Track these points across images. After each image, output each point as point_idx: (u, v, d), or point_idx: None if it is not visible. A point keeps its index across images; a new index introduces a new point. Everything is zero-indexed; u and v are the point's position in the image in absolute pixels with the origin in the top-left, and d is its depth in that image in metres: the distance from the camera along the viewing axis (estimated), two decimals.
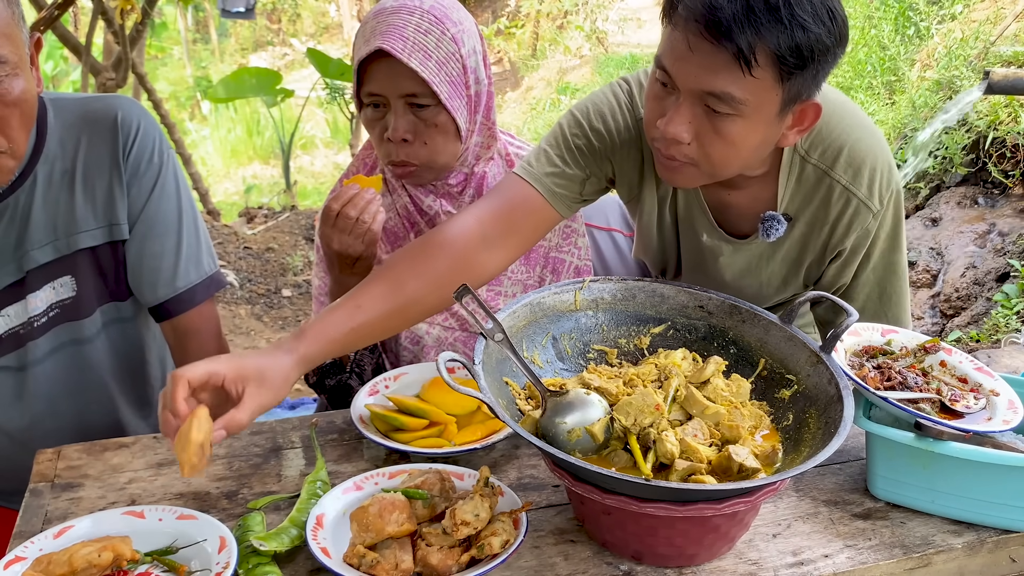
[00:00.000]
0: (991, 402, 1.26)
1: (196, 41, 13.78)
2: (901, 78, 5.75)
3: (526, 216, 1.46)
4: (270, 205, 7.21)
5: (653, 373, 1.27)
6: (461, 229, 1.41)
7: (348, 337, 1.29)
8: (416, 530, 1.14)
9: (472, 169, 1.71)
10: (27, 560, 1.10)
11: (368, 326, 1.31)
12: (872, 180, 1.40)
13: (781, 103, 1.25)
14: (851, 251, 1.46)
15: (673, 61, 1.25)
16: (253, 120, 9.85)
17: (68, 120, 1.49)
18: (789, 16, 1.17)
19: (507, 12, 10.95)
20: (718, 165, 1.31)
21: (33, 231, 1.47)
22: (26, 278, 1.49)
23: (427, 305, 1.38)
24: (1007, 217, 4.30)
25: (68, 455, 1.39)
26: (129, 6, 4.52)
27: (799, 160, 1.42)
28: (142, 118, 1.52)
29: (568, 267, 1.80)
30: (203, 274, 1.60)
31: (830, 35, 1.21)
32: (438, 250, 1.39)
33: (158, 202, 1.54)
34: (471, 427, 1.41)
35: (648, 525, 1.09)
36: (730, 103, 1.22)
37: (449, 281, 1.35)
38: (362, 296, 1.32)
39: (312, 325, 1.28)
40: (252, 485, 1.33)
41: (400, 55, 1.49)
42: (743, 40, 1.17)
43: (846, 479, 1.33)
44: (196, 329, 1.62)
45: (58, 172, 1.48)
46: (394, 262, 1.38)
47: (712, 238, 1.53)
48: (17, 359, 1.54)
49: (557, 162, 1.49)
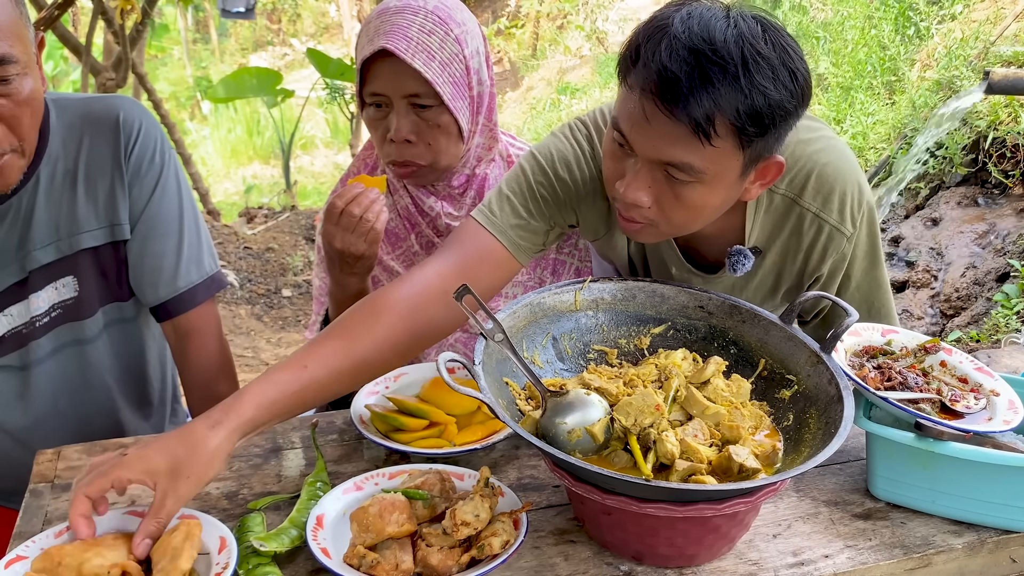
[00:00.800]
0: (991, 402, 1.26)
1: (196, 41, 13.79)
2: (901, 78, 5.76)
3: (488, 270, 1.41)
4: (270, 205, 7.22)
5: (653, 373, 1.27)
6: (420, 286, 1.34)
7: (292, 400, 1.21)
8: (416, 530, 1.14)
9: (474, 171, 1.71)
10: (28, 559, 1.10)
11: (316, 386, 1.23)
12: (843, 204, 1.37)
13: (742, 166, 1.21)
14: (829, 275, 1.45)
15: (630, 128, 1.20)
16: (253, 120, 9.86)
17: (70, 120, 1.50)
18: (749, 85, 1.12)
19: (507, 12, 10.96)
20: (679, 227, 1.29)
21: (36, 231, 1.47)
22: (28, 278, 1.49)
23: (379, 366, 1.32)
24: (1007, 217, 4.30)
25: (68, 455, 1.39)
26: (129, 6, 4.52)
27: (767, 191, 1.38)
28: (144, 118, 1.52)
29: (569, 269, 1.80)
30: (204, 274, 1.61)
31: (792, 98, 1.16)
32: (393, 308, 1.31)
33: (159, 202, 1.54)
34: (471, 427, 1.41)
35: (648, 525, 1.09)
36: (689, 172, 1.19)
37: (404, 342, 1.31)
38: (311, 356, 1.24)
39: (251, 389, 1.19)
40: (252, 485, 1.33)
41: (404, 55, 1.49)
42: (700, 112, 1.12)
43: (846, 479, 1.33)
44: (197, 329, 1.62)
45: (60, 172, 1.48)
46: (346, 320, 1.31)
47: (681, 272, 1.50)
48: (19, 358, 1.54)
49: (522, 212, 1.43)
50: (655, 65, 1.14)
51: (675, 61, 1.13)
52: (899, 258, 4.53)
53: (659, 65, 1.14)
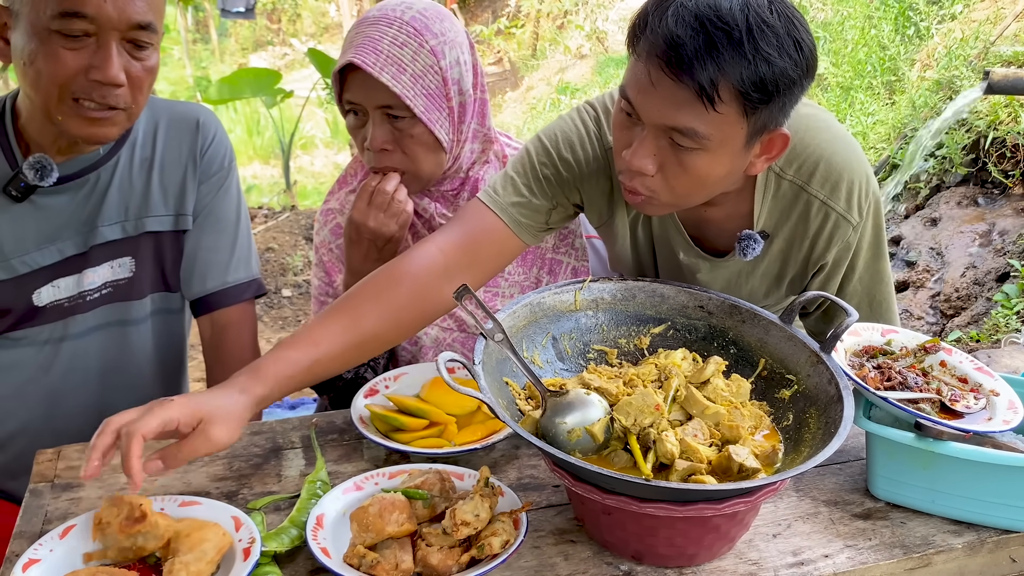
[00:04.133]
0: (991, 402, 1.26)
1: (196, 41, 13.78)
2: (901, 78, 5.76)
3: (490, 246, 1.44)
4: (270, 205, 7.21)
5: (653, 373, 1.27)
6: (424, 260, 1.39)
7: (304, 375, 1.28)
8: (416, 530, 1.14)
9: (468, 173, 1.71)
10: (41, 561, 1.10)
11: (326, 361, 1.30)
12: (850, 193, 1.38)
13: (747, 135, 1.23)
14: (833, 264, 1.45)
15: (636, 94, 1.23)
16: (253, 120, 9.85)
17: (156, 115, 1.62)
18: (753, 51, 1.14)
19: (507, 12, 10.96)
20: (682, 197, 1.30)
21: (106, 208, 1.56)
22: (88, 252, 1.57)
23: (386, 339, 1.37)
24: (1007, 217, 4.30)
25: (68, 455, 1.39)
26: None
27: (775, 177, 1.40)
28: (219, 128, 1.68)
29: (565, 268, 1.79)
30: (251, 275, 1.72)
31: (796, 67, 1.18)
32: (398, 283, 1.36)
33: (222, 202, 1.67)
34: (471, 427, 1.41)
35: (648, 525, 1.09)
36: (694, 138, 1.20)
37: (409, 315, 1.37)
38: (319, 332, 1.31)
39: (268, 364, 1.26)
40: (252, 485, 1.33)
41: (371, 69, 1.50)
42: (704, 76, 1.15)
43: (846, 479, 1.33)
44: (236, 324, 1.71)
45: (139, 158, 1.59)
46: (353, 295, 1.36)
47: (689, 256, 1.51)
48: (53, 331, 1.58)
49: (524, 191, 1.46)
50: (662, 31, 1.17)
51: (681, 27, 1.15)
52: (899, 258, 4.53)
53: (665, 31, 1.16)
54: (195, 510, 1.18)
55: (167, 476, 1.33)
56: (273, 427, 1.48)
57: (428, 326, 1.69)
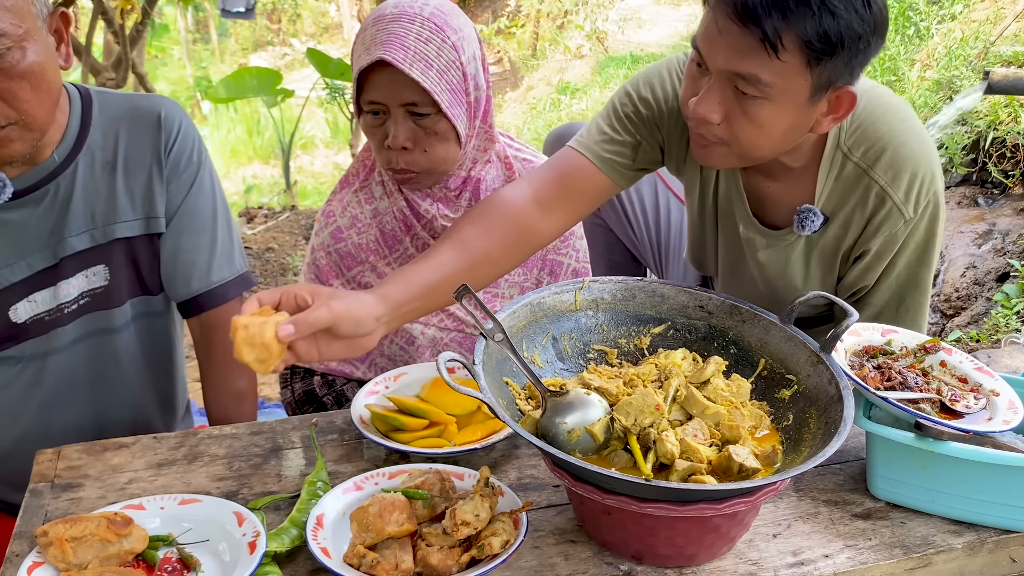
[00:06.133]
0: (991, 402, 1.26)
1: (196, 41, 13.77)
2: (901, 78, 5.75)
3: (578, 182, 1.51)
4: (270, 205, 7.21)
5: (653, 373, 1.27)
6: (516, 194, 1.47)
7: (426, 293, 1.32)
8: (416, 530, 1.14)
9: (469, 172, 1.71)
10: (46, 563, 1.10)
11: (444, 284, 1.33)
12: (911, 186, 1.39)
13: (811, 89, 1.25)
14: (875, 254, 1.45)
15: (705, 42, 1.28)
16: (253, 120, 9.84)
17: (113, 114, 1.54)
18: (819, 2, 1.18)
19: (507, 12, 10.95)
20: (747, 147, 1.33)
21: (71, 218, 1.51)
22: (60, 264, 1.52)
23: (497, 259, 1.43)
24: (1007, 217, 4.30)
25: (68, 455, 1.39)
26: (129, 6, 4.52)
27: (841, 156, 1.41)
28: (183, 119, 1.58)
29: (566, 269, 1.79)
30: (235, 272, 1.66)
31: (863, 23, 1.20)
32: (497, 211, 1.44)
33: (195, 199, 1.59)
34: (471, 427, 1.41)
35: (648, 525, 1.09)
36: (757, 85, 1.24)
37: (513, 240, 1.43)
38: (434, 257, 1.36)
39: (391, 276, 1.31)
40: (252, 485, 1.33)
41: (402, 65, 1.49)
42: (769, 25, 1.19)
43: (846, 479, 1.33)
44: (225, 323, 1.64)
45: (99, 162, 1.52)
46: (457, 226, 1.43)
47: (748, 230, 1.54)
48: (38, 346, 1.55)
49: (607, 130, 1.53)
50: None
51: None
52: None
53: None
54: (196, 508, 1.18)
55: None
56: (273, 427, 1.48)
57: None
